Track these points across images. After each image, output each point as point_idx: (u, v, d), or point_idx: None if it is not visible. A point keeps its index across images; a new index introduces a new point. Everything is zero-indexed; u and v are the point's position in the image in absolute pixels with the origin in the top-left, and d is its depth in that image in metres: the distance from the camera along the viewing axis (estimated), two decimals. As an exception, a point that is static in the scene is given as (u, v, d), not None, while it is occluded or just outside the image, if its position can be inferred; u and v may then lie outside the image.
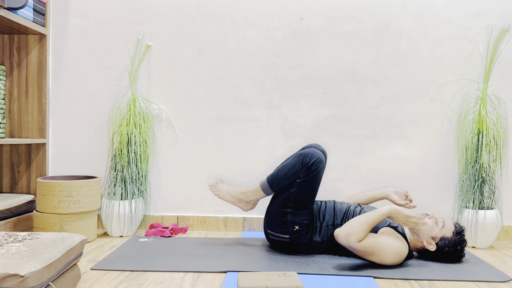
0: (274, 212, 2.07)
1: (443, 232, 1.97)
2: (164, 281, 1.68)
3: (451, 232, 1.97)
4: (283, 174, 2.04)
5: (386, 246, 1.86)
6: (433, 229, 1.97)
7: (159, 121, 2.60)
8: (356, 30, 2.54)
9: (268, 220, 2.10)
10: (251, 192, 2.13)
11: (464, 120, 2.46)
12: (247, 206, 2.16)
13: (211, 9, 2.57)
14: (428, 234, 1.97)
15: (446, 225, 1.98)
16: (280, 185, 2.05)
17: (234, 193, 2.15)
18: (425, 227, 1.98)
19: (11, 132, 2.55)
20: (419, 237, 1.99)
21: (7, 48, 2.53)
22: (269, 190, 2.08)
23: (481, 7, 2.51)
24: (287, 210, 2.03)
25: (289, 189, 2.04)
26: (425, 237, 1.98)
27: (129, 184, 2.41)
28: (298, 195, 2.02)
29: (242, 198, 2.14)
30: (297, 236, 2.04)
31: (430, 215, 2.02)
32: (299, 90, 2.57)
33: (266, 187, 2.09)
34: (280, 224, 2.04)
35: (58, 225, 2.18)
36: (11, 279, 1.19)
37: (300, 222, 2.03)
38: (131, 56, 2.59)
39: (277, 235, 2.06)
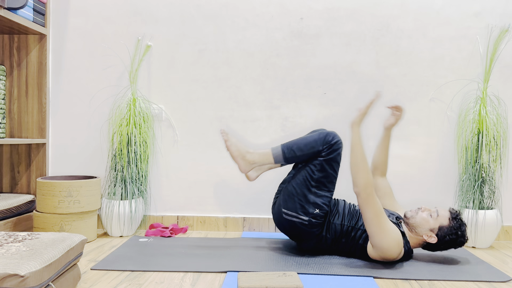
0: (295, 191, 2.01)
1: (439, 222, 1.94)
2: (164, 281, 1.68)
3: (447, 220, 1.94)
4: (303, 144, 2.00)
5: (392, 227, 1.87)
6: (429, 221, 1.94)
7: (159, 121, 2.60)
8: (356, 30, 2.54)
9: (287, 199, 2.02)
10: (258, 154, 2.04)
11: (464, 120, 2.46)
12: (247, 167, 2.06)
13: (211, 9, 2.58)
14: (426, 227, 1.94)
15: (440, 213, 1.95)
16: (295, 154, 2.00)
17: (241, 148, 2.06)
18: (421, 221, 1.95)
19: (11, 132, 2.55)
20: (417, 233, 1.96)
21: (7, 48, 2.53)
22: (280, 157, 2.02)
23: (481, 7, 2.51)
24: (310, 189, 1.98)
25: (310, 167, 2.00)
26: (423, 231, 1.95)
27: (129, 184, 2.41)
28: (321, 173, 1.98)
29: (246, 156, 2.04)
30: (315, 222, 1.98)
31: (423, 208, 1.98)
32: (299, 90, 2.57)
33: (278, 153, 2.02)
34: (302, 204, 1.98)
35: (58, 225, 2.18)
36: (11, 279, 1.19)
37: (321, 205, 1.98)
38: (131, 56, 2.59)
39: (295, 215, 2.00)
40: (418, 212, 1.97)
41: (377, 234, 1.86)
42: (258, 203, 2.59)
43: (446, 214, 1.95)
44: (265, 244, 2.25)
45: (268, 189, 2.59)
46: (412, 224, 1.96)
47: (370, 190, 1.84)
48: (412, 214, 1.98)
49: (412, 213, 1.99)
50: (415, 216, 1.96)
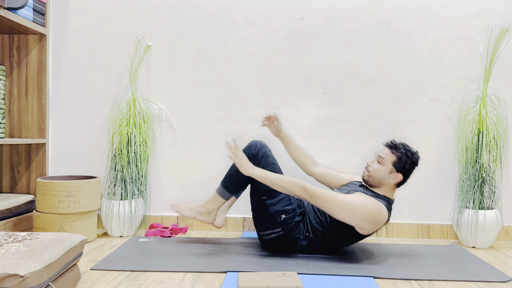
0: (256, 213, 2.09)
1: (389, 161, 2.00)
2: (164, 281, 1.68)
3: (392, 155, 2.00)
4: (234, 171, 2.12)
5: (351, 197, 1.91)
6: (383, 169, 2.01)
7: (159, 121, 2.60)
8: (356, 30, 2.54)
9: (257, 225, 2.11)
10: (210, 202, 2.19)
11: (464, 120, 2.46)
12: (210, 217, 2.20)
13: (211, 9, 2.57)
14: (385, 174, 2.01)
15: (383, 155, 2.01)
16: (234, 183, 2.12)
17: (193, 207, 2.22)
18: (378, 174, 2.01)
19: (11, 132, 2.55)
20: (384, 183, 2.02)
21: (7, 48, 2.53)
22: (226, 193, 2.14)
23: (481, 7, 2.51)
24: (265, 203, 2.05)
25: (254, 185, 2.08)
26: (386, 178, 2.01)
27: (129, 184, 2.41)
28: (264, 184, 2.04)
29: (201, 210, 2.20)
30: (289, 227, 2.03)
31: (368, 164, 2.05)
32: (299, 90, 2.57)
33: (221, 190, 2.15)
34: (268, 220, 2.05)
35: (58, 225, 2.18)
36: (11, 279, 1.19)
37: (283, 209, 2.03)
38: (131, 56, 2.59)
39: (270, 232, 2.06)
40: (369, 170, 2.04)
41: (345, 214, 1.89)
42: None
43: (387, 151, 2.02)
44: (265, 244, 2.25)
45: (268, 189, 2.59)
46: (374, 181, 2.02)
47: (308, 189, 1.89)
48: (367, 174, 2.04)
49: (365, 174, 2.05)
50: (371, 174, 2.03)
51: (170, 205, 2.24)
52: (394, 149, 2.01)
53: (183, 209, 2.22)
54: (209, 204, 2.19)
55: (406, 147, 2.02)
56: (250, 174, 1.98)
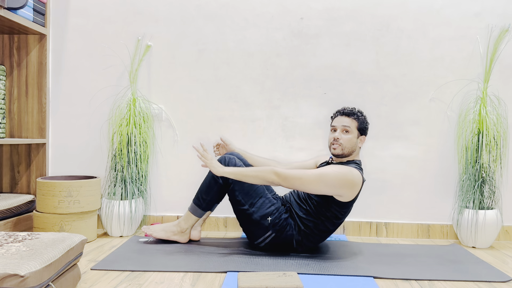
0: (244, 224, 2.10)
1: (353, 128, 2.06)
2: (164, 281, 1.68)
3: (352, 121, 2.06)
4: (205, 187, 2.12)
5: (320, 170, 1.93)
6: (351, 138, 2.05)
7: (159, 121, 2.60)
8: (356, 30, 2.54)
9: (249, 236, 2.12)
10: (183, 221, 2.19)
11: (464, 120, 2.46)
12: (184, 237, 2.21)
13: (211, 9, 2.57)
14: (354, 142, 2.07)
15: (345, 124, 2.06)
16: (206, 199, 2.13)
17: (167, 228, 2.21)
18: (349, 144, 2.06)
19: (11, 132, 2.55)
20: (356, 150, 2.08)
21: (7, 48, 2.53)
22: (198, 210, 2.15)
23: (481, 7, 2.51)
24: (247, 212, 2.05)
25: (232, 199, 2.08)
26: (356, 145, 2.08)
27: (129, 184, 2.41)
28: (242, 195, 2.06)
29: (175, 230, 2.20)
30: (279, 228, 2.03)
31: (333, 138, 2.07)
32: (299, 90, 2.57)
33: (194, 208, 2.16)
34: (256, 228, 2.06)
35: (58, 225, 2.18)
36: (11, 279, 1.19)
37: (267, 212, 2.03)
38: (131, 56, 2.59)
39: (263, 238, 2.07)
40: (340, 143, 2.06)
41: (319, 185, 1.92)
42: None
43: (347, 119, 2.07)
44: (265, 244, 2.25)
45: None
46: (348, 151, 2.07)
47: (281, 174, 1.91)
48: (340, 148, 2.06)
49: (337, 149, 2.07)
50: (344, 146, 2.06)
51: (143, 228, 2.22)
52: (353, 115, 2.07)
53: (156, 231, 2.21)
54: (182, 223, 2.19)
55: (358, 110, 2.10)
56: (221, 173, 1.98)
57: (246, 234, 2.13)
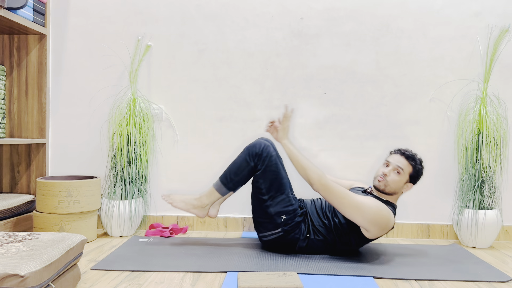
0: (256, 213, 2.08)
1: (407, 173, 2.02)
2: (164, 281, 1.68)
3: (409, 166, 2.03)
4: (235, 168, 2.07)
5: (365, 198, 1.91)
6: (401, 180, 2.03)
7: (159, 121, 2.60)
8: (356, 30, 2.54)
9: (257, 226, 2.10)
10: (205, 196, 2.13)
11: (464, 120, 2.46)
12: (203, 212, 2.15)
13: (211, 9, 2.57)
14: (401, 185, 2.03)
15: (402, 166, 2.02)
16: (234, 180, 2.08)
17: (187, 200, 2.15)
18: (395, 185, 2.02)
19: (11, 132, 2.55)
20: (397, 193, 2.05)
21: (7, 48, 2.53)
22: (223, 188, 2.09)
23: (481, 7, 2.51)
24: (265, 204, 2.03)
25: (255, 185, 2.07)
26: (401, 189, 2.04)
27: (129, 184, 2.41)
28: (266, 184, 2.03)
29: (196, 203, 2.14)
30: (289, 228, 2.02)
31: (384, 172, 2.03)
32: (299, 90, 2.57)
33: (219, 186, 2.10)
34: (268, 221, 2.04)
35: (58, 225, 2.18)
36: (11, 279, 1.19)
37: (283, 210, 2.02)
38: (131, 56, 2.59)
39: (270, 233, 2.05)
40: (387, 180, 2.02)
41: (357, 214, 1.90)
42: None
43: (404, 161, 2.03)
44: (265, 244, 2.25)
45: (268, 189, 2.59)
46: (390, 190, 2.03)
47: (324, 181, 1.92)
48: (384, 184, 2.03)
49: (382, 183, 2.03)
50: (388, 184, 2.03)
51: (162, 196, 2.18)
52: (412, 160, 2.03)
53: (176, 200, 2.16)
54: (204, 198, 2.14)
55: (418, 158, 2.06)
56: (283, 143, 2.05)
57: (255, 224, 2.11)
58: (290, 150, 2.02)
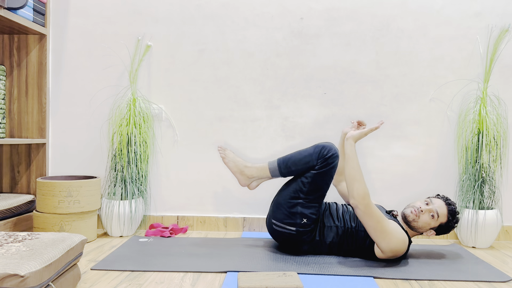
0: (283, 202, 2.03)
1: (440, 221, 2.02)
2: (164, 281, 1.68)
3: (446, 218, 2.02)
4: (298, 159, 2.01)
5: (395, 227, 1.89)
6: (431, 224, 2.02)
7: (159, 121, 2.60)
8: (356, 30, 2.54)
9: (275, 210, 2.05)
10: (256, 169, 2.08)
11: (464, 120, 2.46)
12: (246, 181, 2.10)
13: (211, 9, 2.58)
14: (427, 228, 2.03)
15: (440, 213, 2.01)
16: (290, 169, 2.02)
17: (238, 163, 2.10)
18: (424, 224, 2.02)
19: (11, 132, 2.55)
20: (417, 230, 2.04)
21: (7, 48, 2.53)
22: (277, 172, 2.05)
23: (481, 7, 2.51)
24: (298, 201, 2.00)
25: (301, 179, 2.01)
26: (424, 230, 2.04)
27: (129, 184, 2.41)
28: (311, 186, 1.99)
29: (244, 171, 2.08)
30: (303, 231, 2.01)
31: (423, 209, 2.01)
32: (299, 90, 2.57)
33: (274, 168, 2.04)
34: (289, 215, 2.01)
35: (58, 225, 2.18)
36: (11, 279, 1.19)
37: (308, 215, 2.00)
38: (131, 56, 2.59)
39: (283, 226, 2.03)
40: (419, 216, 2.01)
41: (384, 239, 1.88)
42: (258, 203, 2.59)
43: (444, 212, 2.02)
44: (265, 244, 2.25)
45: (268, 188, 2.59)
46: (415, 226, 2.02)
47: (367, 201, 1.86)
48: (414, 218, 2.01)
49: (413, 215, 2.01)
50: (418, 220, 2.01)
51: (218, 147, 2.15)
52: (451, 215, 2.02)
53: (229, 158, 2.12)
54: (254, 170, 2.07)
55: (457, 216, 2.05)
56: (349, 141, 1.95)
57: (274, 209, 2.06)
58: (352, 153, 1.93)
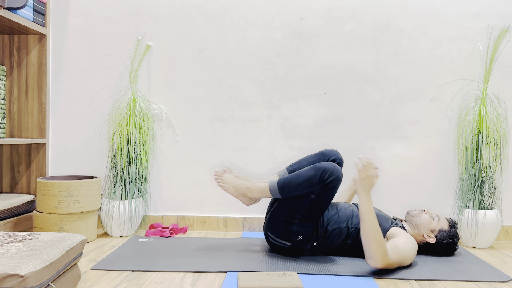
0: (278, 218, 2.00)
1: (440, 225, 2.08)
2: (164, 281, 1.68)
3: (447, 225, 2.09)
4: (297, 184, 1.95)
5: (408, 248, 1.86)
6: (431, 223, 2.07)
7: (159, 121, 2.60)
8: (356, 30, 2.54)
9: (270, 224, 2.04)
10: (257, 190, 2.02)
11: (464, 120, 2.46)
12: (249, 202, 2.07)
13: (211, 9, 2.58)
14: (427, 227, 2.07)
15: (441, 219, 2.10)
16: (290, 194, 1.96)
17: (239, 186, 2.04)
18: (424, 221, 2.07)
19: (11, 132, 2.55)
20: (419, 231, 2.07)
21: (7, 48, 2.53)
22: (277, 193, 1.99)
23: (481, 7, 2.51)
24: (294, 220, 1.97)
25: (299, 201, 1.96)
26: (424, 230, 2.07)
27: (129, 184, 2.41)
28: (309, 208, 1.95)
29: (246, 193, 2.04)
30: (299, 244, 2.01)
31: (426, 211, 2.11)
32: (299, 90, 2.57)
33: (275, 190, 1.99)
34: (284, 232, 2.00)
35: (58, 225, 2.18)
36: (11, 279, 1.19)
37: (304, 233, 1.99)
38: (131, 56, 2.59)
39: (279, 240, 2.03)
40: (421, 213, 2.10)
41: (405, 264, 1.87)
42: (258, 203, 2.59)
43: (445, 221, 2.11)
44: (265, 244, 2.25)
45: (268, 189, 2.59)
46: (416, 222, 2.08)
47: (386, 260, 1.75)
48: (416, 213, 2.11)
49: (416, 212, 2.12)
50: (419, 216, 2.09)
51: (215, 173, 2.09)
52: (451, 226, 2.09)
53: (227, 184, 2.06)
54: (256, 192, 2.02)
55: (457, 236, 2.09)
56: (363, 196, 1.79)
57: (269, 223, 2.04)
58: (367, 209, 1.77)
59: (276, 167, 2.58)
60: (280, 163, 2.57)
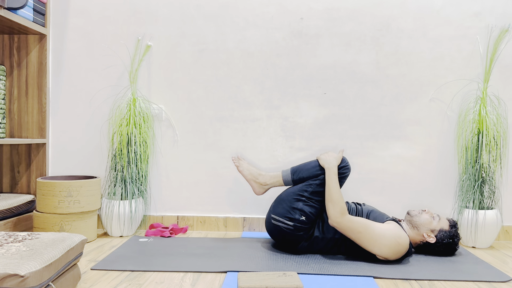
0: (286, 198, 2.08)
1: (440, 225, 2.08)
2: (164, 281, 1.68)
3: (447, 225, 2.09)
4: (310, 167, 2.10)
5: (384, 234, 1.89)
6: (432, 222, 2.07)
7: (159, 121, 2.60)
8: (356, 30, 2.54)
9: (277, 205, 2.10)
10: (270, 177, 2.17)
11: (464, 120, 2.46)
12: (260, 189, 2.20)
13: (211, 9, 2.58)
14: (427, 227, 2.07)
15: (442, 219, 2.10)
16: (302, 175, 2.10)
17: (253, 171, 2.21)
18: (424, 220, 2.07)
19: (11, 132, 2.55)
20: (419, 230, 2.07)
21: (7, 48, 2.53)
22: (289, 179, 2.13)
23: (481, 7, 2.51)
24: (301, 198, 2.04)
25: (310, 181, 2.07)
26: (424, 229, 2.07)
27: (129, 184, 2.41)
28: (318, 188, 2.04)
29: (258, 178, 2.19)
30: (300, 227, 2.02)
31: (427, 210, 2.12)
32: (299, 90, 2.57)
33: (287, 177, 2.13)
34: (289, 210, 2.04)
35: (58, 225, 2.18)
36: (11, 279, 1.19)
37: (308, 214, 2.02)
38: (131, 56, 2.59)
39: (282, 220, 2.05)
40: (421, 213, 2.10)
41: (374, 244, 1.91)
42: (258, 203, 2.59)
43: (446, 221, 2.10)
44: (265, 244, 2.25)
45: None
46: (416, 222, 2.08)
47: (342, 217, 1.92)
48: (416, 213, 2.11)
49: (416, 212, 2.12)
50: (419, 215, 2.09)
51: (232, 157, 2.27)
52: (451, 226, 2.09)
53: (243, 167, 2.23)
54: (268, 178, 2.17)
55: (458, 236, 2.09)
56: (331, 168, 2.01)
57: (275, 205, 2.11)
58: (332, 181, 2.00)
59: (276, 167, 2.58)
60: (280, 163, 2.57)
